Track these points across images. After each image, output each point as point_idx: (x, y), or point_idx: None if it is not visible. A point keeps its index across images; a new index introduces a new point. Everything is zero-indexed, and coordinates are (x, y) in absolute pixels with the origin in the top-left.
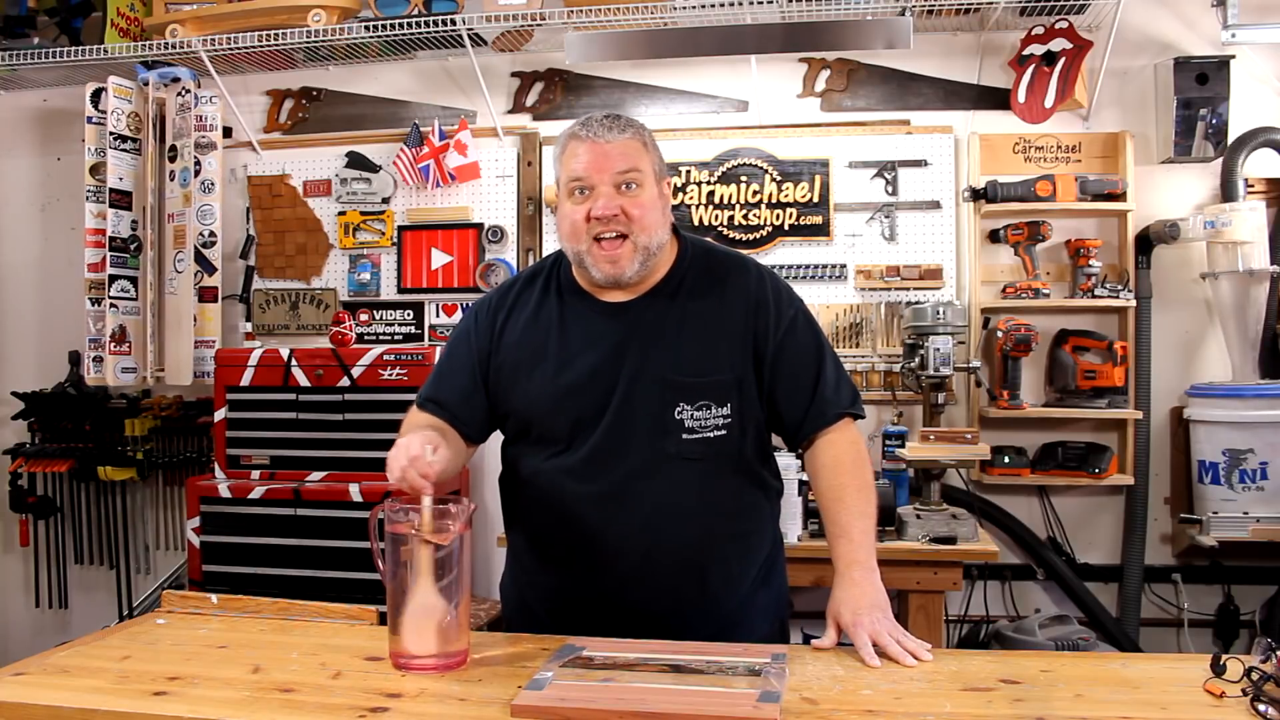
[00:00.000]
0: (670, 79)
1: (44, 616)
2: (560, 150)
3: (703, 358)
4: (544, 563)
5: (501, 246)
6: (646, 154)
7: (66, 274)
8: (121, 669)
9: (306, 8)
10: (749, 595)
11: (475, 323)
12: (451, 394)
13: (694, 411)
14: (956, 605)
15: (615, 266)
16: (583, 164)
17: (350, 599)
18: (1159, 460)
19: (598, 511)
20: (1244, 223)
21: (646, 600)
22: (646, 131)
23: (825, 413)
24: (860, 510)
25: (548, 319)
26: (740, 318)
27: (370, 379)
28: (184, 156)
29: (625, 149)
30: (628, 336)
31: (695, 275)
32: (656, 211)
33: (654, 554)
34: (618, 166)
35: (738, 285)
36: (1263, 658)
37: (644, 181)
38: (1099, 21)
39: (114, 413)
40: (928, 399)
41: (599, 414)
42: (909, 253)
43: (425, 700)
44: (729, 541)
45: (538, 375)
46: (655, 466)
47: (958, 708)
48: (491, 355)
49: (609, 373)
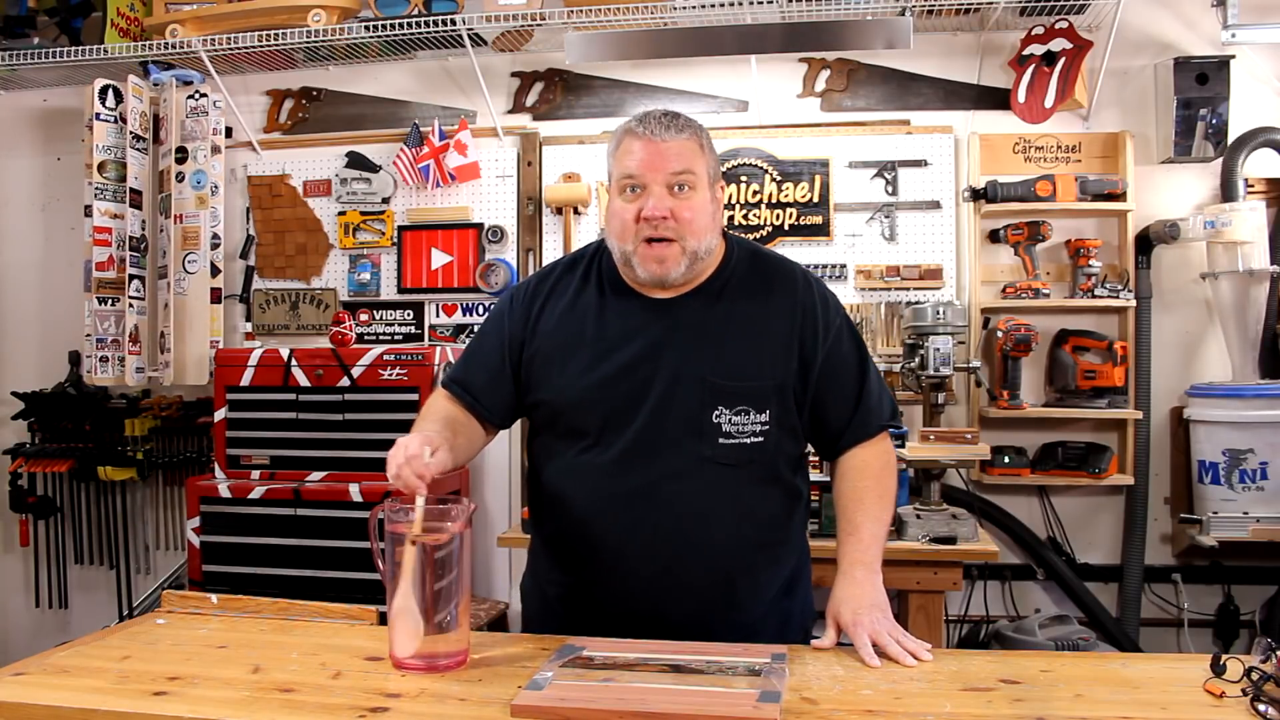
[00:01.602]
0: (670, 79)
1: (44, 616)
2: (615, 145)
3: (744, 361)
4: (569, 560)
5: (501, 246)
6: (702, 156)
7: (66, 274)
8: (121, 669)
9: (306, 8)
10: (773, 605)
11: (510, 307)
12: (478, 378)
13: (732, 416)
14: (956, 605)
15: (661, 267)
16: (637, 161)
17: (350, 599)
18: (1159, 460)
19: (627, 511)
20: (1244, 223)
21: (671, 605)
22: (704, 133)
23: (868, 424)
24: (875, 515)
25: (585, 309)
26: (786, 324)
27: (370, 379)
28: (197, 159)
29: (681, 150)
30: (669, 334)
31: (741, 277)
32: (707, 216)
33: (682, 558)
34: (672, 167)
35: (785, 290)
36: (1263, 658)
37: (697, 184)
38: (1099, 21)
39: (114, 413)
40: (928, 399)
41: (633, 411)
42: (909, 253)
43: (425, 700)
44: (758, 550)
45: (571, 366)
46: (689, 469)
47: (958, 708)
48: (525, 343)
49: (647, 369)
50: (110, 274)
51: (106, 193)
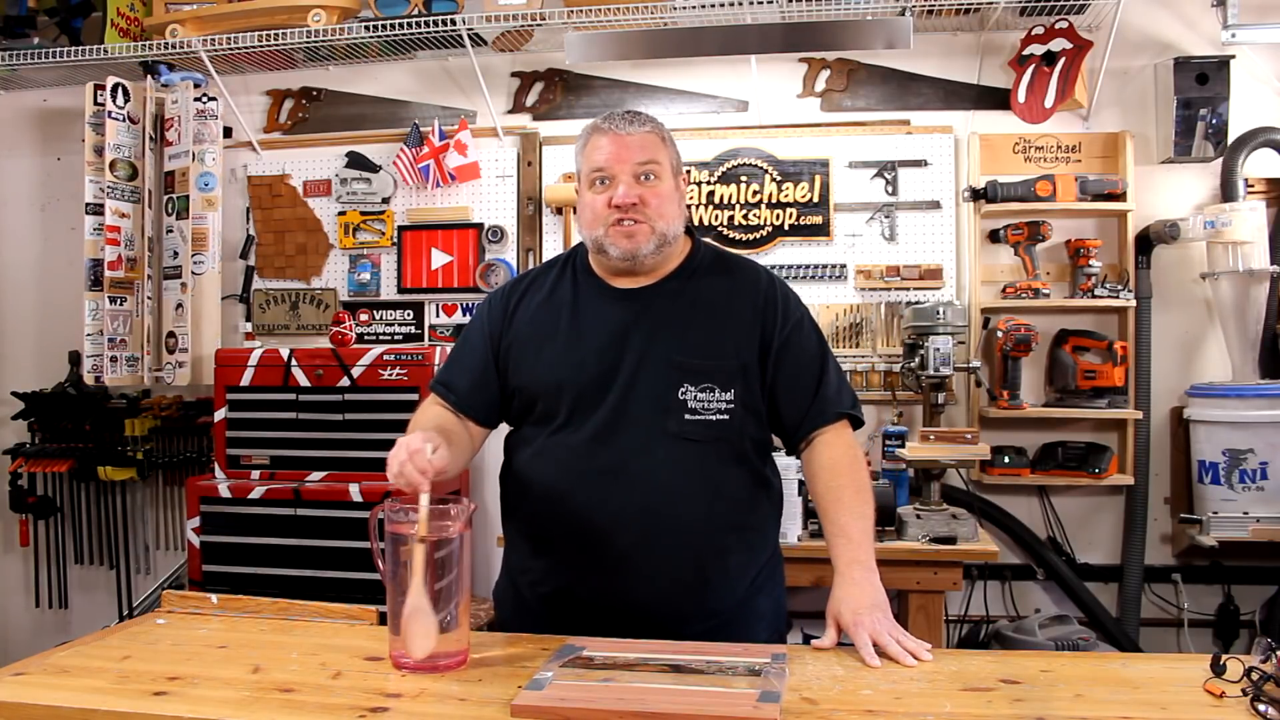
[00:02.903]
0: (670, 79)
1: (44, 616)
2: (582, 144)
3: (709, 342)
4: (540, 546)
5: (501, 246)
6: (664, 148)
7: (66, 274)
8: (121, 669)
9: (306, 8)
10: (747, 598)
11: (489, 307)
12: (462, 378)
13: (697, 393)
14: (956, 605)
15: (631, 241)
16: (604, 155)
17: (350, 599)
18: (1159, 460)
19: (597, 489)
20: (1244, 223)
21: (642, 585)
22: (664, 128)
23: (825, 411)
24: (858, 511)
25: (561, 300)
26: (749, 309)
27: (370, 379)
28: (204, 161)
29: (644, 141)
30: (637, 319)
31: (706, 268)
32: (673, 203)
33: (651, 534)
34: (637, 157)
35: (747, 279)
36: (1263, 658)
37: (662, 174)
38: (1099, 21)
39: (114, 413)
40: (928, 399)
41: (603, 392)
42: (909, 253)
43: (425, 700)
44: (728, 532)
45: (546, 352)
46: (656, 444)
47: (958, 708)
48: (503, 335)
49: (615, 352)
50: (120, 273)
51: (118, 191)
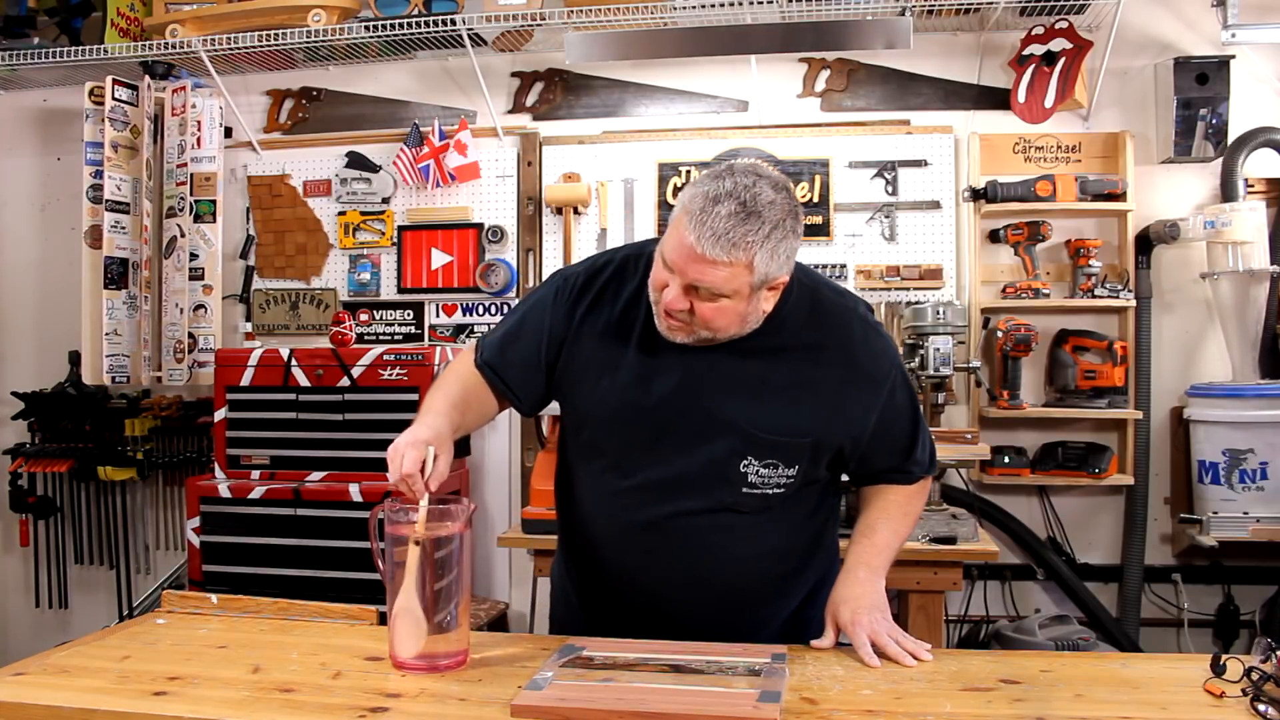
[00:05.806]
0: (670, 79)
1: (44, 616)
2: (679, 209)
3: (784, 415)
4: (588, 572)
5: (501, 246)
6: (747, 276)
7: (66, 274)
8: (121, 669)
9: (306, 8)
10: (792, 616)
11: (554, 299)
12: (512, 365)
13: (760, 467)
14: (956, 605)
15: (671, 334)
16: (674, 252)
17: (350, 599)
18: (1159, 460)
19: (641, 542)
20: (1244, 223)
21: (685, 636)
22: (765, 247)
23: (911, 474)
24: (895, 527)
25: (632, 323)
26: (836, 383)
27: (370, 379)
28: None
29: (718, 277)
30: (710, 373)
31: (796, 322)
32: (735, 316)
33: (696, 591)
34: (699, 280)
35: (838, 339)
36: (1263, 658)
37: (731, 296)
38: (1099, 21)
39: (114, 413)
40: (928, 399)
41: (658, 443)
42: (909, 253)
43: (425, 700)
44: (775, 581)
45: (605, 381)
46: (709, 513)
47: (958, 708)
48: (566, 341)
49: (679, 404)
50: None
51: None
